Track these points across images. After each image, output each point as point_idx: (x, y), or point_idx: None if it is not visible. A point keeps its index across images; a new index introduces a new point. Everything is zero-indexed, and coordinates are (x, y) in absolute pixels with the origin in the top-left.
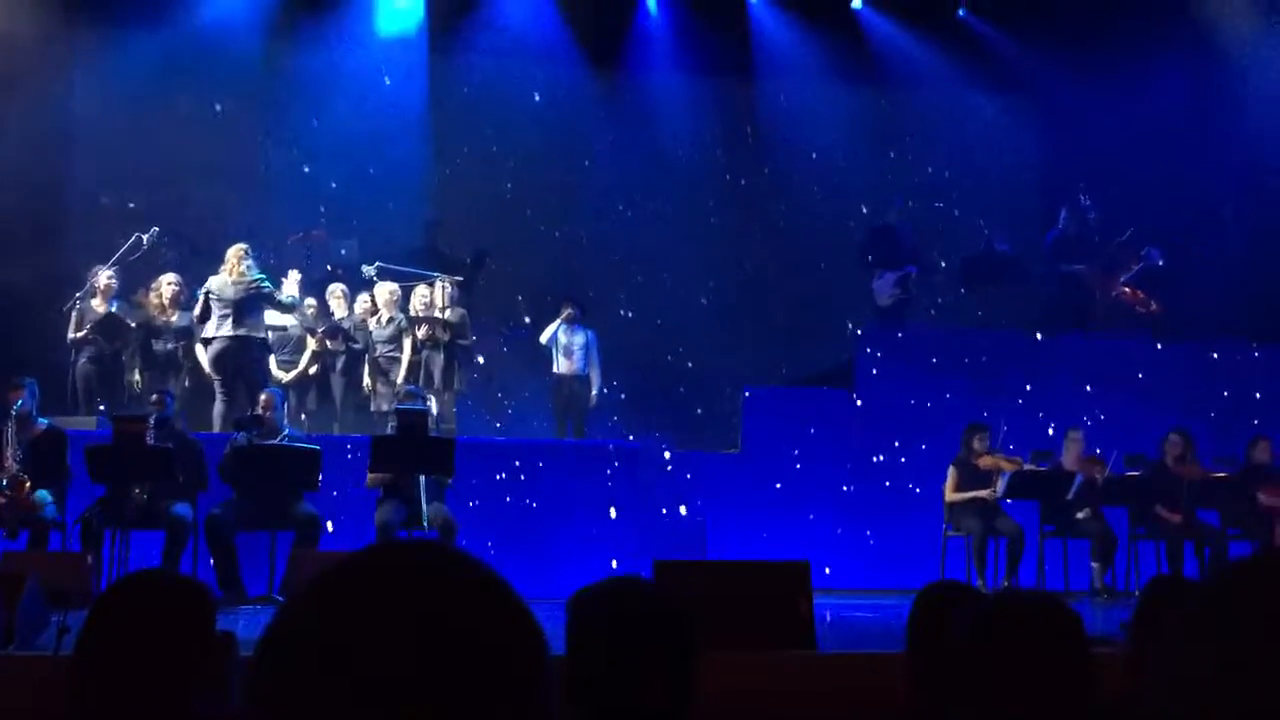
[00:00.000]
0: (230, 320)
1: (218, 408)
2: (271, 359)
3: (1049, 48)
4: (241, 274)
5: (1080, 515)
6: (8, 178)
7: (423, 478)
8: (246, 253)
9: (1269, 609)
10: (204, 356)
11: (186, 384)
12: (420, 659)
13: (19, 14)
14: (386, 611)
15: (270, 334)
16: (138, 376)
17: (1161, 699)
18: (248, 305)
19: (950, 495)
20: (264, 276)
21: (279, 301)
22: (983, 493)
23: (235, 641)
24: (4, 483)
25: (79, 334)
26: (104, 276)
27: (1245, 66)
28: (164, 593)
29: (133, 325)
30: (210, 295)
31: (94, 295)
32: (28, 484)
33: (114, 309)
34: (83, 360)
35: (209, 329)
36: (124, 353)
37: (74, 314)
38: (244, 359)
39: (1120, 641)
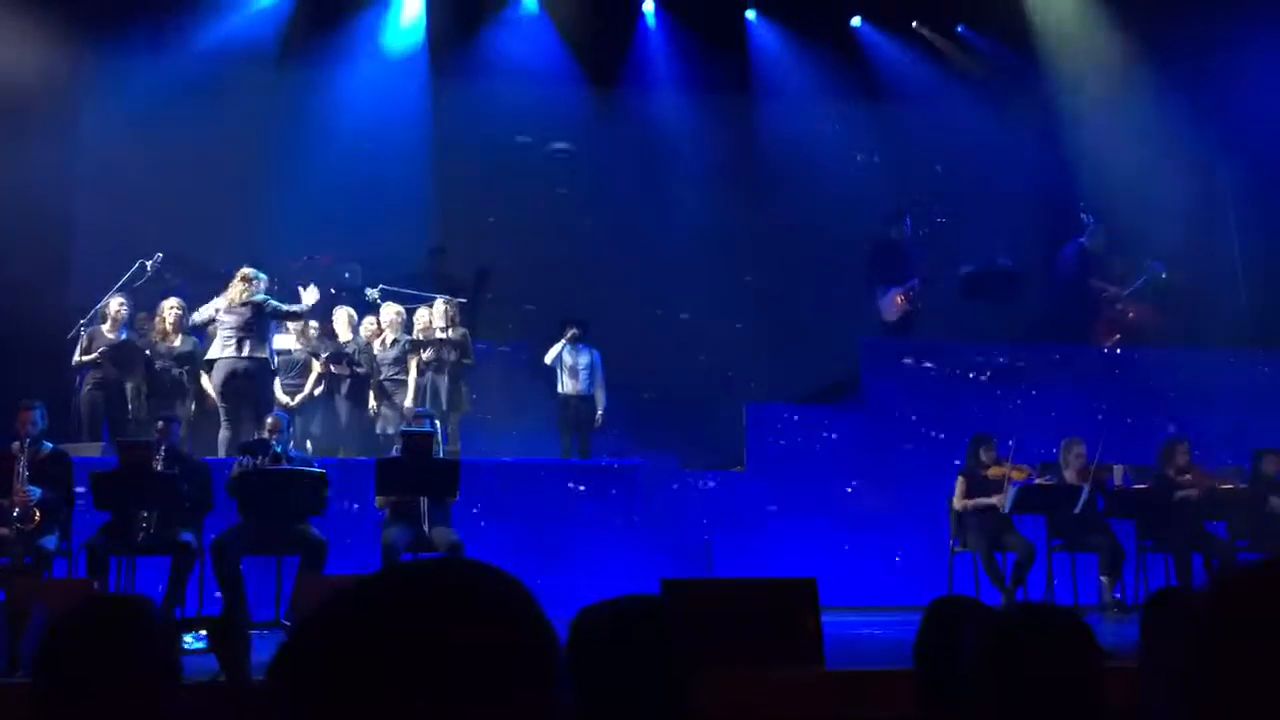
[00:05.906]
0: (235, 343)
1: (223, 434)
2: (276, 382)
3: (1048, 61)
4: (248, 297)
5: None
6: (15, 205)
7: (426, 499)
8: (253, 276)
9: (1268, 616)
10: (209, 382)
11: (193, 408)
12: (438, 671)
13: (25, 43)
14: (406, 625)
15: (275, 358)
16: (143, 401)
17: (1167, 708)
18: (254, 328)
19: (958, 503)
20: (268, 297)
21: (290, 312)
22: (992, 499)
23: (177, 631)
24: (15, 515)
25: (88, 357)
26: (115, 303)
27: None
28: (103, 616)
29: (147, 353)
30: (217, 313)
31: (104, 320)
32: (38, 517)
33: (124, 336)
34: (89, 387)
35: (214, 350)
36: (129, 379)
37: (82, 337)
38: (250, 383)
39: (1130, 655)
